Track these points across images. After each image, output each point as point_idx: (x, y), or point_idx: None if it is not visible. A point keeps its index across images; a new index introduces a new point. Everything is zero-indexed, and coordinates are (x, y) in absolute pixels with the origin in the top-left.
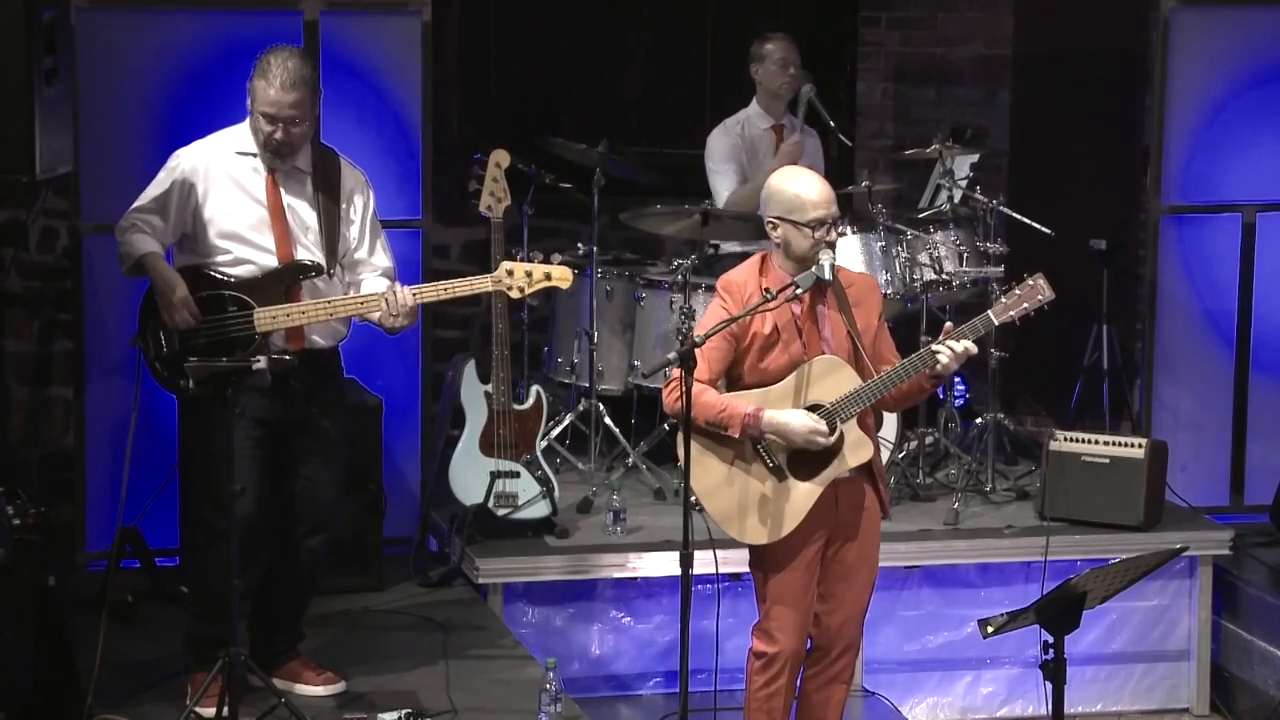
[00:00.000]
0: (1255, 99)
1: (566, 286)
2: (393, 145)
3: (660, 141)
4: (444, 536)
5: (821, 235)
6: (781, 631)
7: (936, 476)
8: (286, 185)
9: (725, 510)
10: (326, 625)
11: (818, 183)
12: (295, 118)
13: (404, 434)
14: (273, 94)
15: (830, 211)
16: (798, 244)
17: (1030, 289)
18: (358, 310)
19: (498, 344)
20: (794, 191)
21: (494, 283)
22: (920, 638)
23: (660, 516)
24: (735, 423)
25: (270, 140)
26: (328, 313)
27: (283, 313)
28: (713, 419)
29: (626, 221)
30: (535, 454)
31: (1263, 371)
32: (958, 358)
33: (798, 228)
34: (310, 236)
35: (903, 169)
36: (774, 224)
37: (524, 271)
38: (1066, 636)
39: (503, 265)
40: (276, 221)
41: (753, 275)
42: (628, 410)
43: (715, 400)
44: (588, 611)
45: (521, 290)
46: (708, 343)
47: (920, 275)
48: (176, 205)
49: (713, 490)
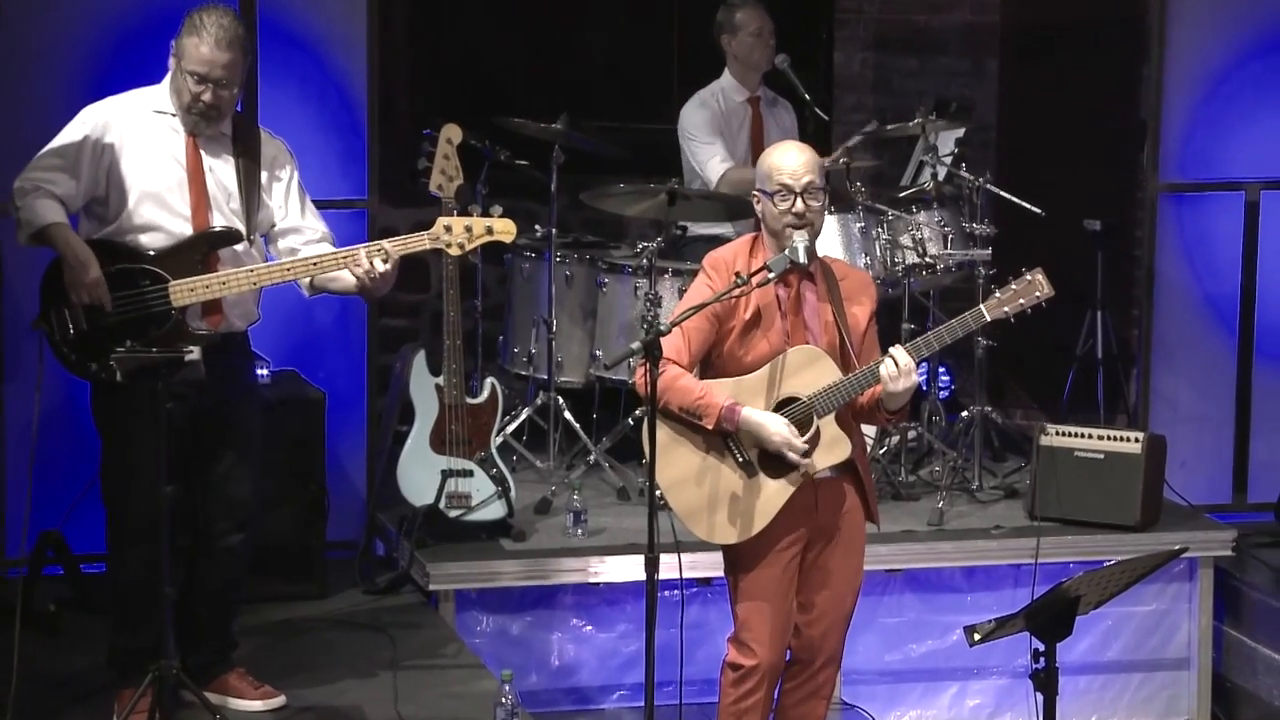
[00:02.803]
0: (1259, 69)
1: (510, 239)
2: (336, 120)
3: (624, 115)
4: (392, 540)
5: (786, 207)
6: (758, 642)
7: (919, 474)
8: (207, 148)
9: (691, 506)
10: (265, 635)
11: (794, 150)
12: (225, 80)
13: (348, 430)
14: (205, 52)
15: (799, 181)
16: (768, 216)
17: (1028, 284)
18: (301, 275)
19: (449, 333)
20: (770, 161)
21: (431, 240)
22: (902, 646)
23: (624, 518)
24: (712, 414)
25: (196, 102)
26: (251, 282)
27: (201, 284)
28: (689, 406)
29: (587, 201)
30: (490, 451)
31: (1267, 360)
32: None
33: (767, 197)
34: (232, 204)
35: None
36: (757, 198)
37: (463, 226)
38: (1058, 644)
39: (440, 221)
40: (195, 185)
41: (741, 254)
42: (589, 404)
43: (693, 386)
44: (546, 620)
45: (462, 246)
46: (690, 322)
47: (902, 259)
48: (89, 164)
49: (679, 483)
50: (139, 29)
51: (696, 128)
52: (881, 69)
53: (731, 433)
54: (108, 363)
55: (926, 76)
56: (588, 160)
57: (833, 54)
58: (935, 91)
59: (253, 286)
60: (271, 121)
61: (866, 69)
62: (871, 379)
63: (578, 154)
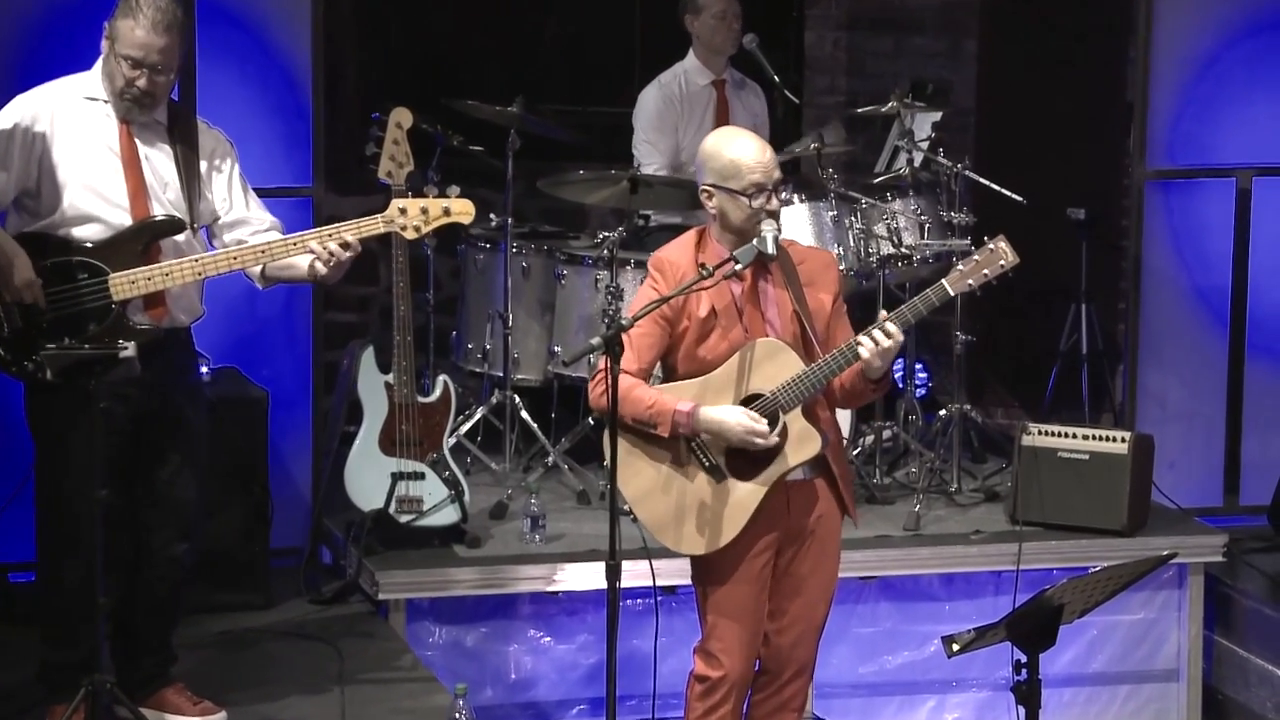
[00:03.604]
0: (1250, 50)
1: (469, 220)
2: (279, 103)
3: (583, 99)
4: (339, 547)
5: (760, 204)
6: (726, 653)
7: (895, 476)
8: (141, 136)
9: (659, 517)
10: (205, 647)
11: (756, 144)
12: (162, 65)
13: (293, 431)
14: (141, 35)
15: (771, 177)
16: (735, 215)
17: (990, 254)
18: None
19: (399, 328)
20: (730, 156)
21: (385, 223)
22: (877, 658)
23: (584, 523)
24: (665, 420)
25: (130, 88)
26: (195, 272)
27: (142, 276)
28: (640, 416)
29: (545, 189)
30: (443, 453)
31: (1260, 355)
32: (880, 352)
33: (733, 196)
34: (170, 193)
35: (856, 129)
36: (708, 193)
37: (419, 208)
38: (1041, 655)
39: (394, 203)
40: (131, 174)
41: (688, 252)
42: (547, 403)
43: (644, 395)
44: (503, 630)
45: (418, 229)
46: (636, 329)
47: (876, 249)
48: (20, 155)
49: (644, 495)
50: (67, 12)
51: (646, 120)
52: (855, 49)
53: (694, 437)
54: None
55: (902, 57)
56: (545, 145)
57: (803, 34)
58: (911, 73)
59: (197, 277)
60: (211, 105)
61: (839, 49)
62: (841, 362)
63: (534, 139)
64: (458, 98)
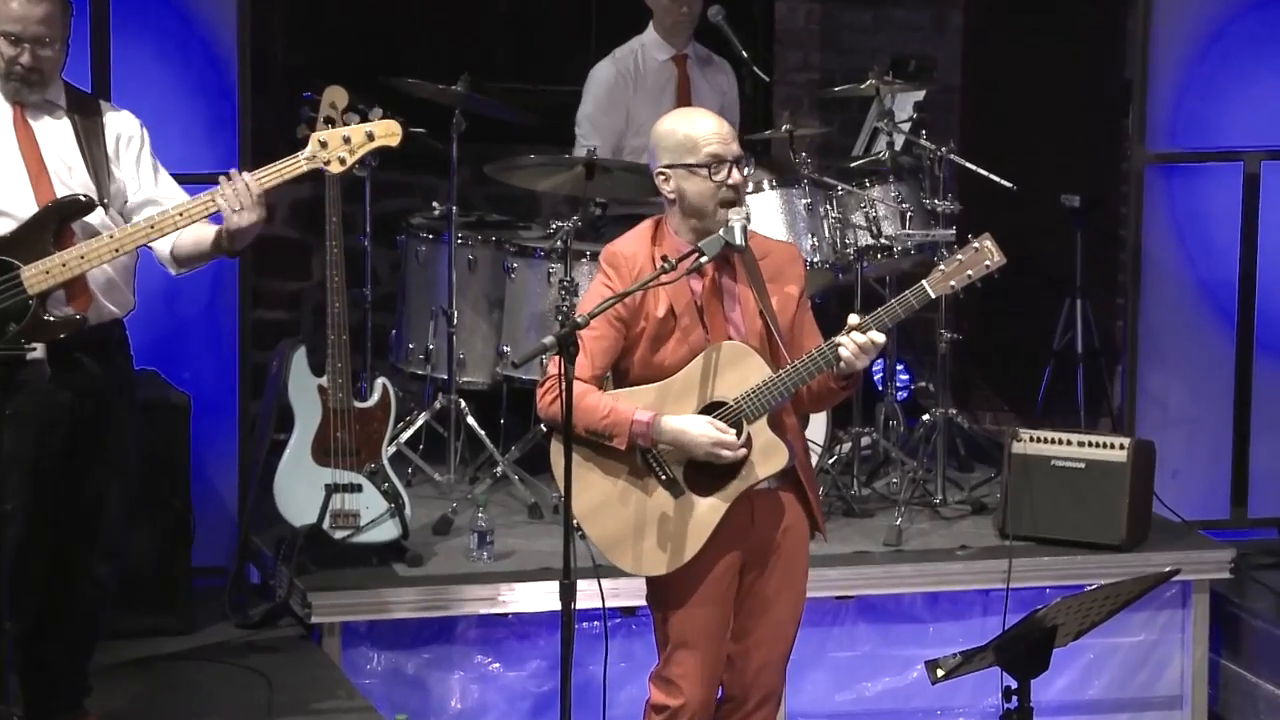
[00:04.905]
0: (1258, 23)
1: (396, 142)
2: (202, 82)
3: (534, 77)
4: (268, 566)
5: (723, 178)
6: (686, 679)
7: (875, 487)
8: (36, 118)
9: (611, 536)
10: (122, 676)
11: (710, 117)
12: (44, 36)
13: (218, 439)
14: (15, 7)
15: (730, 148)
16: (695, 194)
17: (975, 253)
18: (169, 229)
19: (334, 327)
20: (684, 131)
21: (308, 160)
22: (855, 684)
23: (535, 538)
24: (622, 431)
25: (14, 67)
26: (113, 250)
27: (58, 264)
28: (594, 427)
29: (493, 175)
30: (381, 463)
31: (1269, 354)
32: (862, 352)
33: (691, 171)
34: (75, 177)
35: (832, 109)
36: (664, 175)
37: (340, 138)
38: (1033, 681)
39: (313, 137)
40: (31, 159)
41: (643, 245)
42: (495, 408)
43: (598, 403)
44: (446, 656)
45: (343, 161)
46: (589, 330)
47: (854, 240)
48: None
49: (595, 512)
50: None
51: (593, 96)
52: (829, 22)
53: (650, 449)
54: None
55: (881, 31)
56: (493, 127)
57: (773, 5)
58: (891, 48)
59: (115, 255)
60: (127, 84)
61: (812, 23)
62: (813, 369)
63: (481, 120)
64: (397, 75)
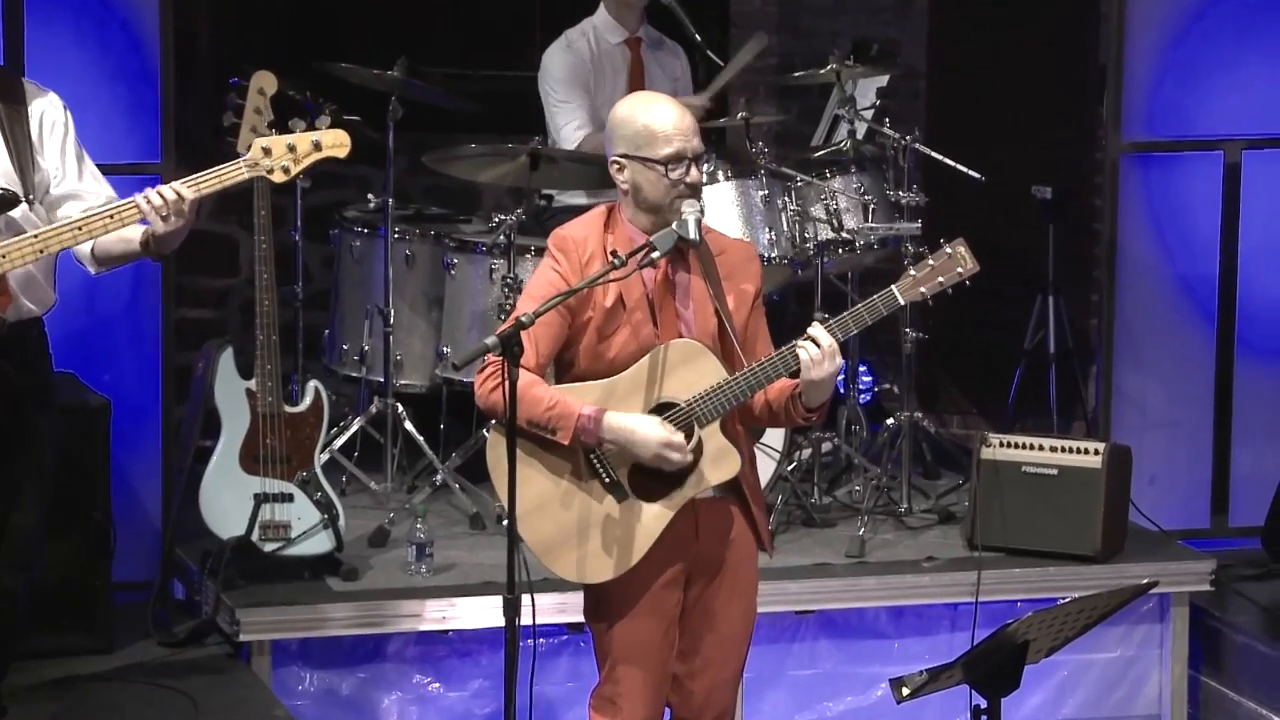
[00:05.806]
0: (1241, 4)
1: (344, 154)
2: (122, 66)
3: (476, 62)
4: (193, 580)
5: (679, 175)
6: (626, 698)
7: (836, 495)
8: None
9: (549, 540)
10: (39, 698)
11: (673, 108)
12: None
13: (139, 445)
14: None
15: (691, 145)
16: (650, 189)
17: (947, 259)
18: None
19: (263, 326)
20: (643, 121)
21: (249, 167)
22: (816, 704)
23: (478, 550)
24: (567, 426)
25: None
26: (36, 249)
27: None
28: (538, 419)
29: (432, 165)
30: (314, 470)
31: (1251, 353)
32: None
33: (648, 166)
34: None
35: (790, 96)
36: (619, 164)
37: (285, 145)
38: (1004, 699)
39: (256, 143)
40: None
41: (595, 231)
42: (435, 412)
43: (542, 395)
44: (382, 676)
45: (287, 170)
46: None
47: (814, 233)
48: None
49: (531, 513)
50: None
51: (556, 81)
52: (787, 4)
53: (594, 447)
54: None
55: (842, 14)
56: (432, 115)
57: None
58: (853, 31)
59: (40, 255)
60: (41, 69)
61: (769, 4)
62: (771, 373)
63: (419, 107)
64: (330, 60)
